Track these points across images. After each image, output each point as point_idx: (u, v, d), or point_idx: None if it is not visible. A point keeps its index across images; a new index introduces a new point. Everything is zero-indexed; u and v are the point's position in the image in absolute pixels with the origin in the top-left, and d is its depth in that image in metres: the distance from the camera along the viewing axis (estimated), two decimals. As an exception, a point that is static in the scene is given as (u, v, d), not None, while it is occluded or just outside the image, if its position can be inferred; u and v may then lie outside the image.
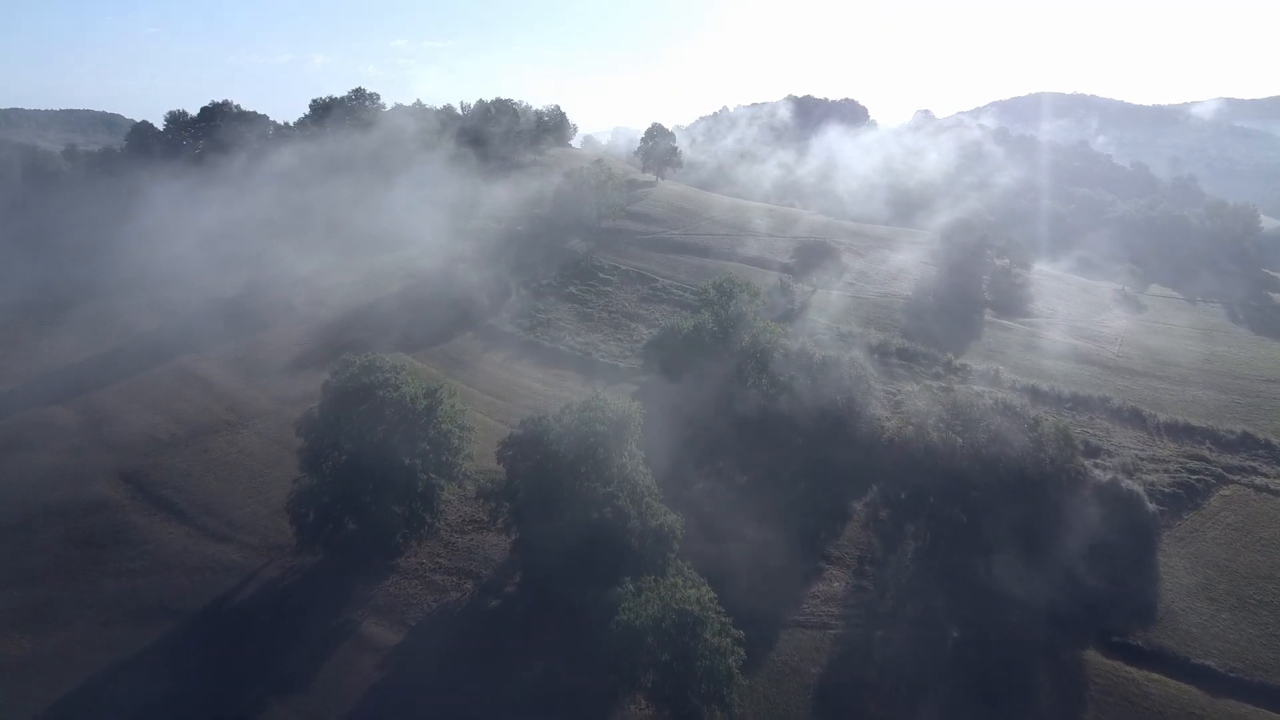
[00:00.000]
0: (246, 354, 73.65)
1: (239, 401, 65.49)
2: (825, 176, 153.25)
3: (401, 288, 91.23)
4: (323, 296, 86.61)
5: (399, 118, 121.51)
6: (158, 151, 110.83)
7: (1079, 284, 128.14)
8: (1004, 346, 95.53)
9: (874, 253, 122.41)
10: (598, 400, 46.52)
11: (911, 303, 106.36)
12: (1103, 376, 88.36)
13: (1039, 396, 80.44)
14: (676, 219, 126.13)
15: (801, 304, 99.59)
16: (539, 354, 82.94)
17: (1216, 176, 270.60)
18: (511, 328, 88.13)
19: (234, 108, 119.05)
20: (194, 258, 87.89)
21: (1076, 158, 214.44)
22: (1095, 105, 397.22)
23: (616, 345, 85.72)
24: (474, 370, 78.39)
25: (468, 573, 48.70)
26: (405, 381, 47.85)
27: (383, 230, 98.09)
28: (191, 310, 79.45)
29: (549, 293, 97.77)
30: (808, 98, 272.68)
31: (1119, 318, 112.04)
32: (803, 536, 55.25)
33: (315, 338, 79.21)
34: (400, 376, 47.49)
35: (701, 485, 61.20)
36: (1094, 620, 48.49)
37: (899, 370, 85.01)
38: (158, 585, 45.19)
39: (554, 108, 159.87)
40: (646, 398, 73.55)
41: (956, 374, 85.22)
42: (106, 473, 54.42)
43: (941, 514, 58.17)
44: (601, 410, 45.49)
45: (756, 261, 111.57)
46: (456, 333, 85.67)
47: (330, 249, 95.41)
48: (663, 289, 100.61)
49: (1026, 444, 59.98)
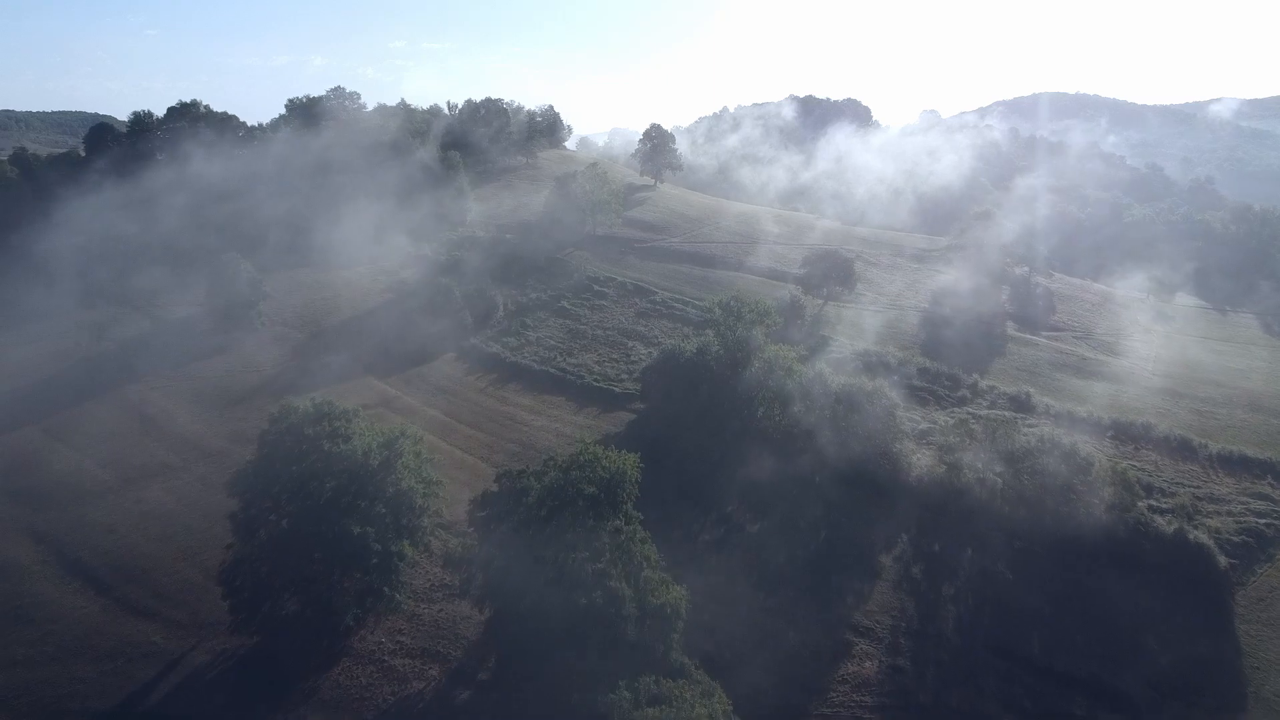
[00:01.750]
0: (200, 381, 66.01)
1: (186, 439, 57.90)
2: (834, 180, 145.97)
3: (378, 303, 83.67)
4: (289, 313, 78.97)
5: (380, 118, 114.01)
6: (117, 154, 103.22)
7: (1102, 293, 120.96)
8: (1031, 365, 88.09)
9: (888, 261, 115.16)
10: (587, 454, 39.12)
11: (929, 315, 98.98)
12: (1141, 398, 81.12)
13: (1076, 424, 73.19)
14: (677, 226, 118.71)
15: (813, 317, 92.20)
16: (527, 377, 75.45)
17: (1227, 178, 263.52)
18: (497, 347, 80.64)
19: (202, 107, 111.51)
20: (144, 271, 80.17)
21: (1089, 158, 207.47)
22: (1101, 105, 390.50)
23: (612, 367, 78.23)
24: (454, 397, 70.89)
25: (434, 655, 41.19)
26: (358, 431, 40.39)
27: (359, 239, 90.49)
28: (138, 331, 71.69)
29: (539, 307, 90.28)
30: (810, 98, 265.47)
31: (1148, 330, 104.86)
32: (826, 599, 47.91)
33: (280, 361, 71.62)
34: (352, 425, 40.01)
35: (707, 535, 53.80)
36: (1174, 710, 41.15)
37: (922, 393, 77.57)
38: (58, 679, 37.69)
39: (547, 108, 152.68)
40: (644, 429, 66.37)
41: (984, 397, 77.97)
42: (16, 531, 46.89)
43: (983, 570, 50.89)
44: (591, 466, 38.08)
45: (763, 272, 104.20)
46: (437, 353, 78.13)
47: (301, 260, 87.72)
48: (663, 303, 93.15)
49: (1079, 489, 52.78)
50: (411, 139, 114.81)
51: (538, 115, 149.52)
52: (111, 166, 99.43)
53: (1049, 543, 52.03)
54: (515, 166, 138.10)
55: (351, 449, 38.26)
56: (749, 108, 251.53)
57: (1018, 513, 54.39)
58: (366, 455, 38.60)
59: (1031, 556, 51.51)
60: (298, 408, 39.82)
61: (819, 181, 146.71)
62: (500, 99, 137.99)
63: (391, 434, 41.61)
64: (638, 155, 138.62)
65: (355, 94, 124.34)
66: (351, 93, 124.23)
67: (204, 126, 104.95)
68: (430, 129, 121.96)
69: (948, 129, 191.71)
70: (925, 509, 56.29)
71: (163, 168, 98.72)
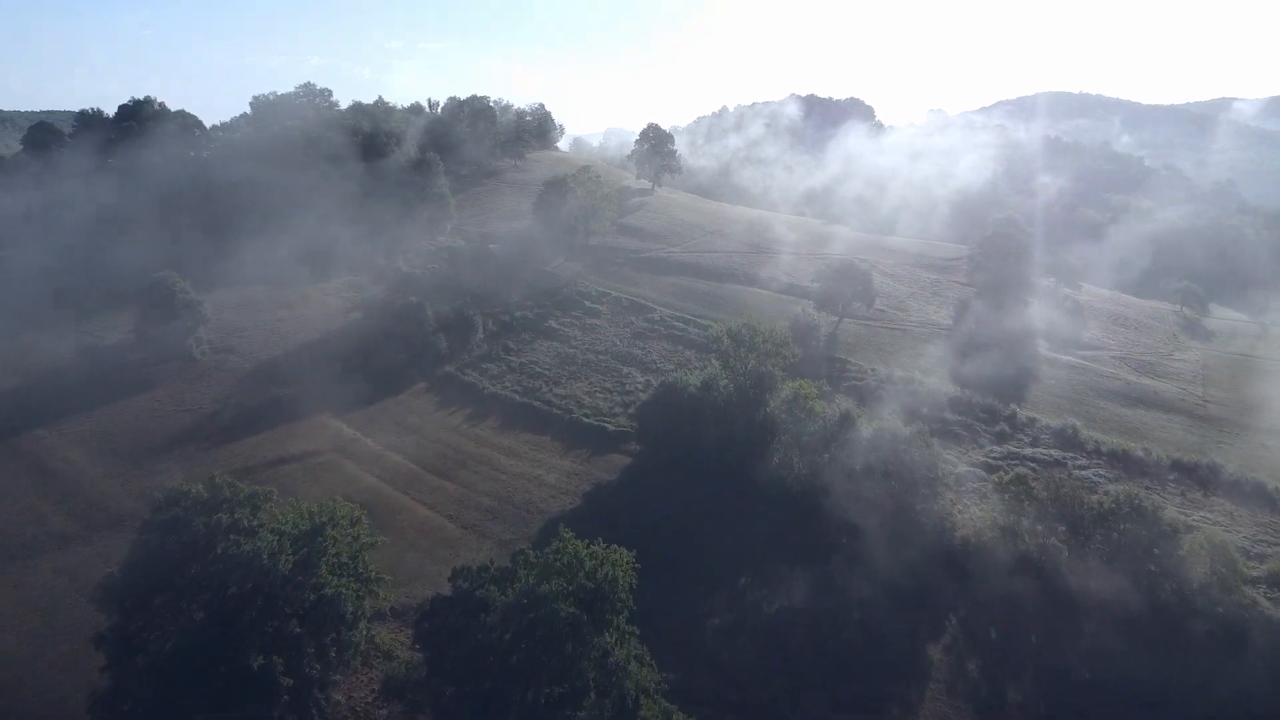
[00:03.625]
0: (120, 423, 56.45)
1: (92, 500, 48.39)
2: (846, 183, 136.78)
3: (339, 325, 74.17)
4: (235, 340, 69.28)
5: (353, 118, 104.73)
6: (56, 157, 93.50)
7: (1132, 305, 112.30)
8: (1072, 391, 79.08)
9: (905, 272, 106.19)
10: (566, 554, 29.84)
11: (954, 333, 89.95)
12: (1198, 431, 72.25)
13: (1132, 466, 64.49)
14: (677, 234, 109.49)
15: (828, 337, 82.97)
16: (508, 411, 66.12)
17: (1243, 180, 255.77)
18: (475, 375, 71.30)
19: (157, 105, 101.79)
20: (73, 291, 70.34)
21: (1104, 160, 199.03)
22: (1109, 105, 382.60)
23: (605, 398, 68.94)
24: (423, 437, 61.49)
25: (372, 806, 31.87)
26: (273, 518, 30.99)
27: (321, 252, 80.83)
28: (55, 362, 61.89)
29: (524, 328, 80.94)
30: (812, 96, 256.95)
31: (1188, 348, 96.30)
32: (865, 709, 38.77)
33: (220, 396, 62.07)
34: (260, 513, 30.64)
35: (717, 619, 44.56)
36: None
37: (955, 429, 68.40)
38: None
39: (538, 106, 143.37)
40: (640, 479, 57.04)
41: (1025, 432, 69.05)
42: None
43: (1055, 669, 41.80)
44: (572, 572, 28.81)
45: (773, 285, 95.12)
46: (406, 383, 68.81)
47: (251, 276, 77.90)
48: (662, 321, 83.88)
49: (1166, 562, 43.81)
50: (391, 140, 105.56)
51: (527, 114, 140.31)
52: (48, 170, 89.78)
53: (1132, 637, 42.93)
54: (502, 169, 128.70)
55: (256, 548, 28.94)
56: (749, 107, 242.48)
57: (1091, 589, 45.44)
58: (275, 557, 29.25)
59: (1113, 656, 42.42)
60: (188, 493, 30.44)
61: (828, 185, 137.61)
62: (486, 97, 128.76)
63: (317, 519, 32.22)
64: (634, 157, 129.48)
65: (326, 91, 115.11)
66: (322, 89, 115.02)
67: (156, 126, 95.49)
68: (409, 129, 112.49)
69: (963, 129, 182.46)
70: (976, 580, 47.23)
71: (106, 172, 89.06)
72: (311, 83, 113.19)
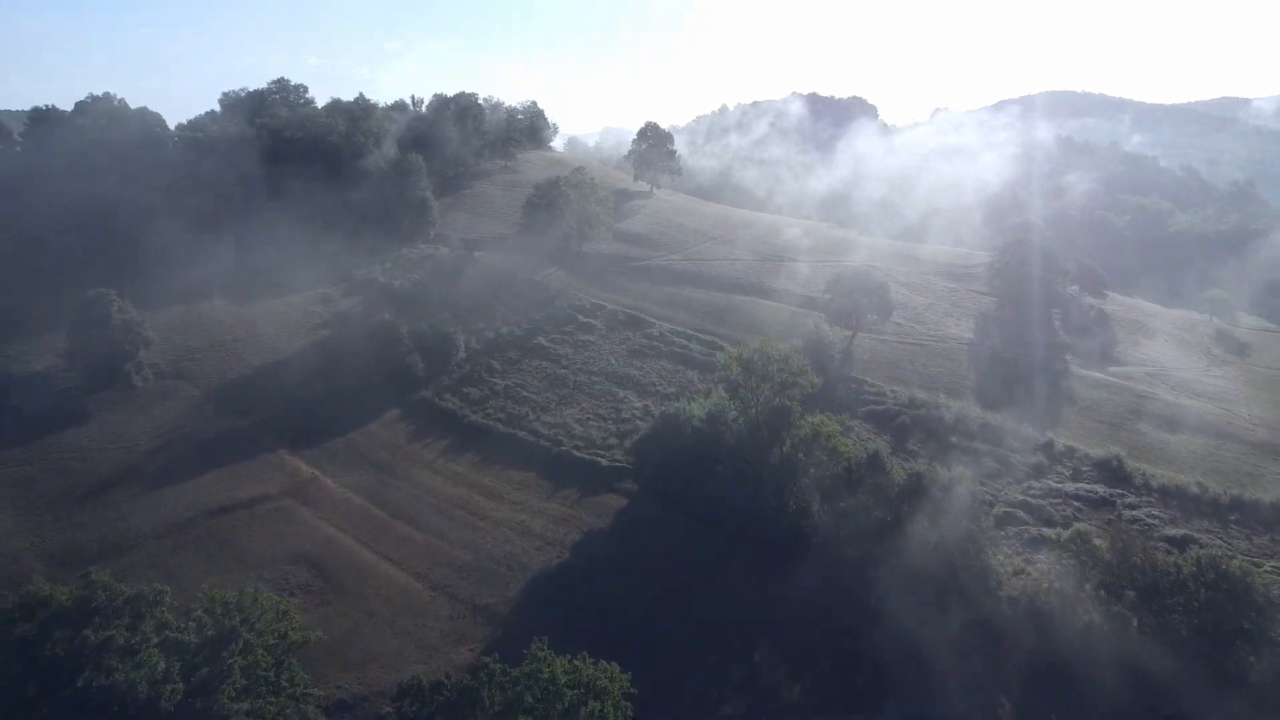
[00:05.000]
0: (41, 466, 49.30)
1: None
2: (855, 185, 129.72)
3: (304, 345, 67.02)
4: (186, 363, 62.05)
5: (328, 116, 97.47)
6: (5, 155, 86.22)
7: (1159, 315, 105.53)
8: (1109, 414, 72.26)
9: (920, 280, 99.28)
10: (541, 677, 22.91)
11: (977, 349, 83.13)
12: (1249, 460, 65.67)
13: (1188, 504, 57.98)
14: (677, 240, 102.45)
15: (841, 354, 76.01)
16: (490, 444, 59.13)
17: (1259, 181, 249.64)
18: (454, 401, 64.31)
19: (116, 101, 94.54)
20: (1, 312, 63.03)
21: (1117, 160, 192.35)
22: (1112, 103, 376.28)
23: (598, 427, 61.97)
24: (391, 476, 54.45)
25: None
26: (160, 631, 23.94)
27: (289, 263, 73.59)
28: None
29: (510, 345, 73.93)
30: (814, 95, 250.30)
31: (1225, 363, 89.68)
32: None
33: (163, 430, 54.89)
34: (146, 622, 23.58)
35: (729, 708, 37.70)
36: None
37: (986, 460, 61.52)
38: None
39: (530, 104, 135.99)
40: (637, 528, 50.05)
41: (1064, 464, 62.30)
42: None
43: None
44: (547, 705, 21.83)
45: (782, 295, 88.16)
46: (376, 411, 61.76)
47: (210, 289, 70.63)
48: (660, 337, 76.88)
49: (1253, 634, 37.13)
50: (370, 140, 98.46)
51: (519, 113, 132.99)
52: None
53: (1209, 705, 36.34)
54: (490, 171, 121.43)
55: (130, 680, 21.96)
56: (751, 106, 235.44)
57: (1164, 666, 38.74)
58: (157, 687, 22.26)
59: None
60: (50, 599, 23.41)
61: (840, 188, 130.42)
62: (474, 94, 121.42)
63: (227, 622, 25.18)
64: (631, 157, 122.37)
65: (302, 87, 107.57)
66: (297, 85, 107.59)
67: (113, 123, 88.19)
68: (389, 128, 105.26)
69: (977, 128, 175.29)
70: (1029, 654, 40.53)
71: (54, 175, 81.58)
72: (285, 78, 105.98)
